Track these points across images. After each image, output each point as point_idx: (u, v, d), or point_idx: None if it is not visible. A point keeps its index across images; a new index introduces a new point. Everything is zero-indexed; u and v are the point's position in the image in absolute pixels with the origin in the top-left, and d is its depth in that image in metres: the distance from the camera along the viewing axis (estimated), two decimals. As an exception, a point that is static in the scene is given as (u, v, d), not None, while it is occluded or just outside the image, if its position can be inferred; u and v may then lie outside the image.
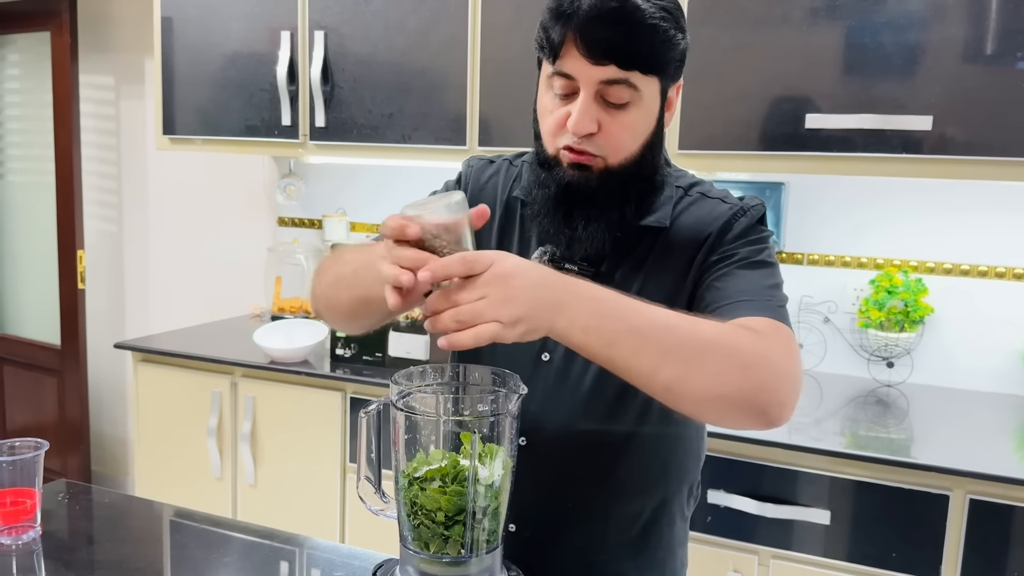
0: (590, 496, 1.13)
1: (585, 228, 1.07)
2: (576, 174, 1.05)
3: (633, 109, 1.03)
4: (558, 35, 1.01)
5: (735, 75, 2.04)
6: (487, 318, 0.84)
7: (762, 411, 0.90)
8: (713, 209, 1.12)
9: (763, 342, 0.92)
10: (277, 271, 3.01)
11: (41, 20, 3.28)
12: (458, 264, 0.86)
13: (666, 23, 1.00)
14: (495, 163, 1.26)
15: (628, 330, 0.88)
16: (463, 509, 0.85)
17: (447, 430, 0.88)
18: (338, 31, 2.46)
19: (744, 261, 1.06)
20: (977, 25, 1.85)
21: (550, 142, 1.07)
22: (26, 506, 1.24)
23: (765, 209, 1.13)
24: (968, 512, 1.71)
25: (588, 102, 1.01)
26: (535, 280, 0.87)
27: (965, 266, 2.29)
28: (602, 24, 0.98)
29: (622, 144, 1.05)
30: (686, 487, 1.20)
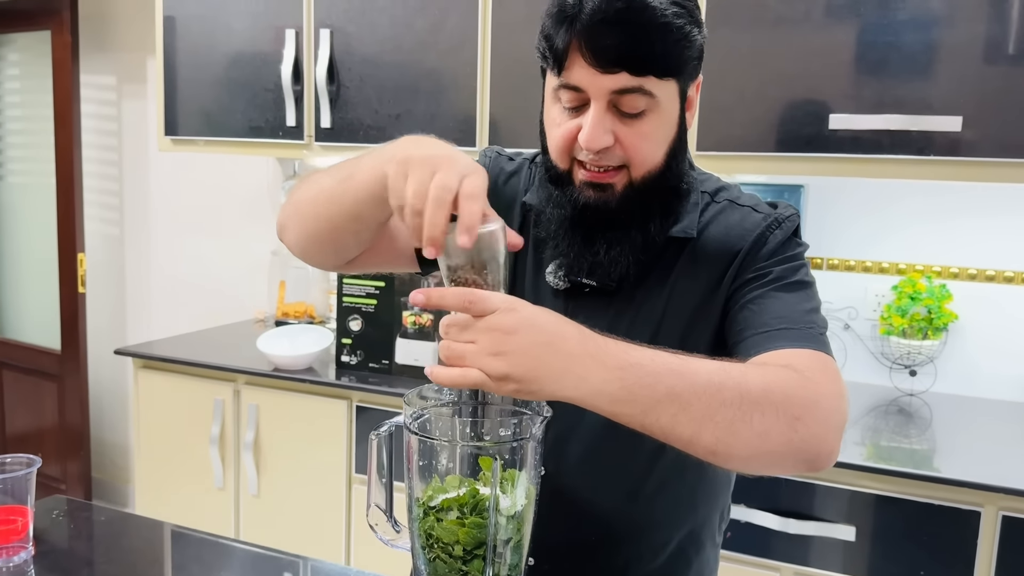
0: (614, 527, 1.05)
1: (607, 252, 0.98)
2: (594, 195, 0.96)
3: (651, 116, 0.94)
4: (562, 42, 0.91)
5: (755, 75, 1.98)
6: (470, 364, 0.77)
7: (811, 461, 0.84)
8: (744, 219, 1.03)
9: (811, 387, 0.85)
10: (281, 275, 2.95)
11: (42, 19, 3.22)
12: (455, 299, 0.79)
13: (680, 19, 0.90)
14: (515, 161, 1.16)
15: (666, 396, 0.79)
16: (483, 542, 0.78)
17: (464, 453, 0.82)
18: (344, 30, 2.40)
19: (781, 282, 0.97)
20: (1009, 23, 1.78)
21: (561, 157, 0.98)
22: (17, 525, 1.19)
23: (800, 220, 1.05)
24: (1000, 529, 1.65)
25: (600, 114, 0.92)
26: (542, 341, 0.78)
27: (990, 271, 2.22)
28: (609, 27, 0.88)
29: (643, 154, 0.95)
30: (717, 512, 1.12)
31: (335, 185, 1.00)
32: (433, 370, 0.79)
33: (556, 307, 1.05)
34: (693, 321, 1.02)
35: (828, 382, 0.87)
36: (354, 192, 0.96)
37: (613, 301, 1.04)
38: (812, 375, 0.86)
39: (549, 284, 1.06)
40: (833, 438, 0.85)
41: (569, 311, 1.04)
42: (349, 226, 1.01)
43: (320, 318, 2.89)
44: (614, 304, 1.04)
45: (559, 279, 1.05)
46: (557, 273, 1.05)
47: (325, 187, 1.02)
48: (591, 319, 1.02)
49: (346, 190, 0.98)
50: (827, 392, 0.86)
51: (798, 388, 0.83)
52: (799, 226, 1.05)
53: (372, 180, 0.93)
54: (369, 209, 0.97)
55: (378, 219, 1.00)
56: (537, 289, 1.08)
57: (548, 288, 1.06)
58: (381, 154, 0.92)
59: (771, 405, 0.81)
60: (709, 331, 1.02)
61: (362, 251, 1.09)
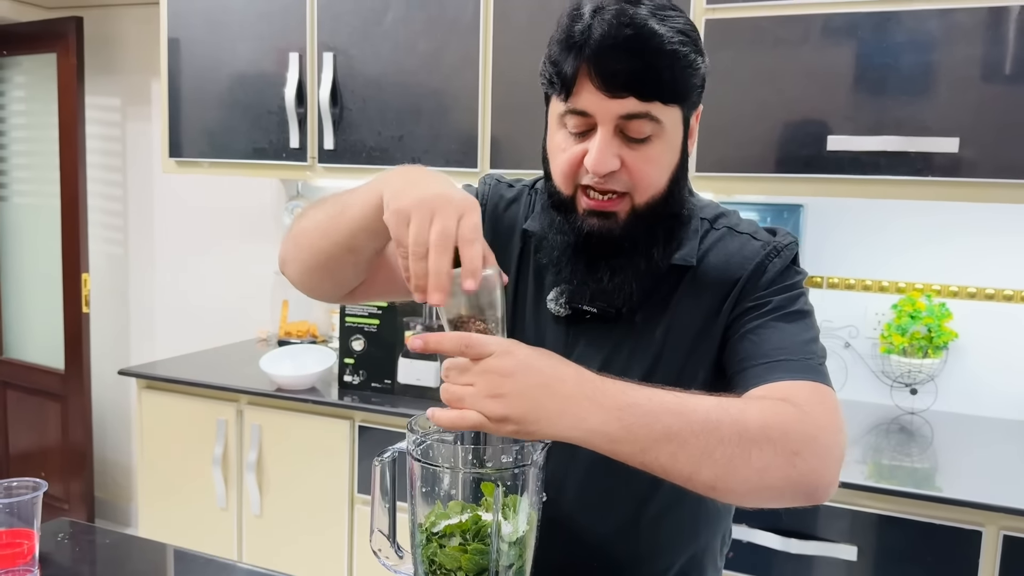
0: (615, 553, 1.06)
1: (611, 279, 0.99)
2: (597, 223, 0.97)
3: (656, 142, 0.95)
4: (570, 68, 0.92)
5: (753, 97, 1.99)
6: (469, 407, 0.79)
7: (810, 495, 0.86)
8: (743, 247, 1.04)
9: (809, 421, 0.86)
10: (284, 295, 2.97)
11: (48, 42, 3.25)
12: (452, 344, 0.80)
13: (686, 47, 0.92)
14: (515, 188, 1.17)
15: (663, 435, 0.80)
16: (486, 568, 0.79)
17: (466, 479, 0.83)
18: (347, 52, 2.42)
19: (780, 312, 0.99)
20: (1007, 44, 1.80)
21: (565, 183, 0.99)
22: (23, 548, 1.19)
23: (798, 247, 1.06)
24: (1002, 549, 1.65)
25: (607, 138, 0.93)
26: (539, 382, 0.79)
27: (990, 290, 2.23)
28: (618, 53, 0.90)
29: (648, 180, 0.96)
30: (719, 537, 1.13)
31: (330, 219, 1.01)
32: (434, 413, 0.81)
33: (557, 334, 1.06)
34: (693, 349, 1.02)
35: (826, 416, 0.88)
36: (348, 224, 0.98)
37: (615, 328, 1.05)
38: (811, 409, 0.87)
39: (550, 311, 1.07)
40: (831, 472, 0.86)
41: (570, 338, 1.06)
42: (346, 257, 1.02)
43: (323, 337, 2.90)
44: (615, 331, 1.05)
45: (560, 306, 1.06)
46: (559, 300, 1.06)
47: (320, 221, 1.03)
48: (592, 346, 1.04)
49: (340, 223, 1.00)
50: (825, 426, 0.87)
51: (796, 423, 0.84)
52: (797, 254, 1.06)
53: (364, 212, 0.95)
54: (363, 241, 0.99)
55: (373, 249, 1.02)
56: (538, 316, 1.09)
57: (549, 315, 1.07)
58: (373, 187, 0.94)
59: (769, 441, 0.82)
60: (708, 359, 1.03)
61: (361, 282, 1.10)
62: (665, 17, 0.92)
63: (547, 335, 1.07)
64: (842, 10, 1.91)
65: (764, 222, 2.33)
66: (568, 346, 1.06)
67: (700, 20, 2.02)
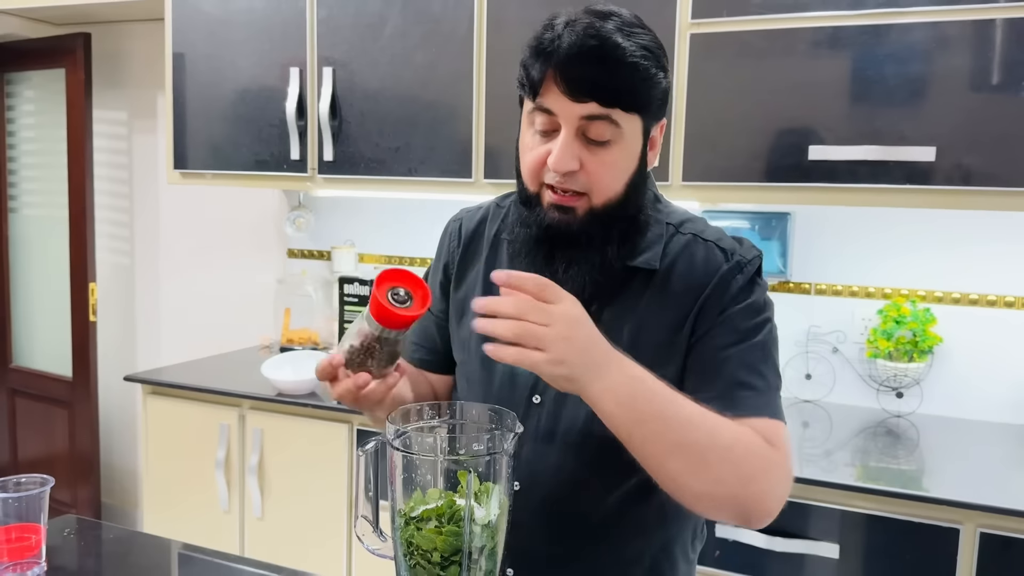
0: (587, 540, 1.11)
1: (566, 271, 1.06)
2: (558, 216, 1.05)
3: (615, 147, 1.02)
4: (538, 72, 1.00)
5: (738, 107, 2.05)
6: (542, 345, 0.87)
7: (747, 518, 0.97)
8: (709, 256, 1.10)
9: (772, 457, 0.97)
10: (287, 302, 3.03)
11: (56, 57, 3.33)
12: (533, 282, 0.89)
13: (647, 61, 1.00)
14: (483, 208, 1.27)
15: (656, 414, 0.92)
16: (459, 549, 0.85)
17: (444, 469, 0.88)
18: (346, 67, 2.49)
19: (743, 336, 1.05)
20: (980, 56, 1.86)
21: (531, 180, 1.07)
22: (31, 542, 1.25)
23: (761, 260, 1.12)
24: (979, 546, 1.69)
25: (569, 139, 1.00)
26: (593, 338, 0.91)
27: (974, 295, 2.28)
28: (582, 62, 0.98)
29: (605, 183, 1.03)
30: (688, 530, 1.18)
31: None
32: (496, 349, 0.89)
33: None
34: (657, 355, 1.07)
35: (782, 454, 1.00)
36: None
37: None
38: (776, 447, 0.99)
39: None
40: (775, 506, 0.97)
41: None
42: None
43: (324, 344, 2.96)
44: None
45: None
46: None
47: None
48: None
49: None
50: (780, 463, 0.99)
51: (759, 452, 0.96)
52: (761, 266, 1.11)
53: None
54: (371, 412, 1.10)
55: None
56: None
57: None
58: None
59: (732, 459, 0.94)
60: (673, 369, 1.08)
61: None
62: (631, 33, 1.00)
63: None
64: (823, 24, 1.97)
65: (752, 230, 2.40)
66: None
67: (685, 35, 2.08)
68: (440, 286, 1.26)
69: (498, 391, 1.13)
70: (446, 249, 1.27)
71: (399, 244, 2.98)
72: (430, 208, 2.80)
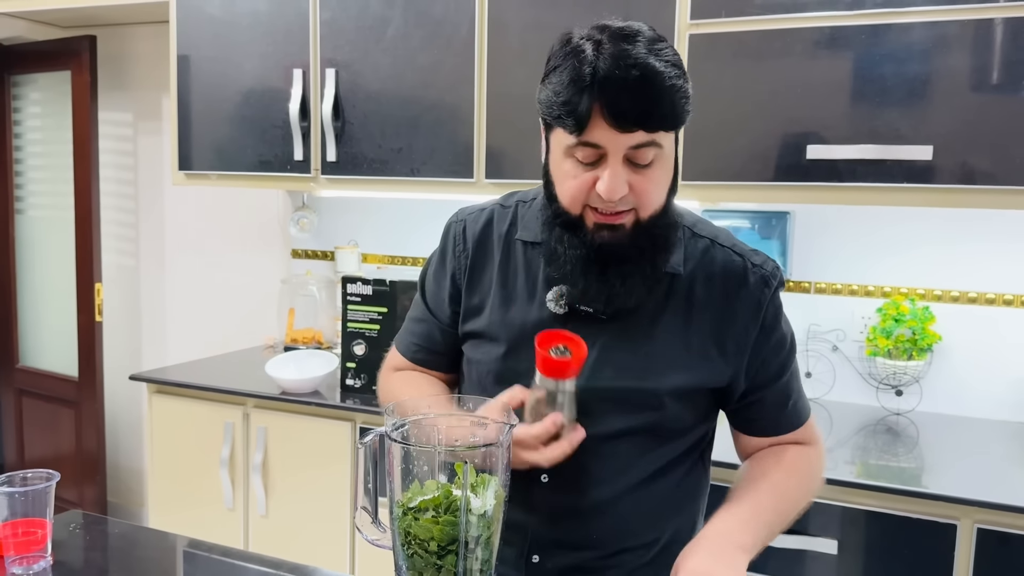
0: (608, 527, 1.16)
1: (623, 284, 1.09)
2: (607, 235, 1.07)
3: (658, 165, 1.05)
4: (584, 107, 0.99)
5: (737, 107, 2.07)
6: None
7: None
8: (728, 265, 1.15)
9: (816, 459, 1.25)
10: (290, 302, 3.05)
11: (62, 60, 3.36)
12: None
13: (680, 79, 1.02)
14: (485, 210, 1.27)
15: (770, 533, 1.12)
16: (456, 539, 0.87)
17: (442, 460, 0.90)
18: (349, 68, 2.51)
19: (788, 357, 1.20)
20: (979, 55, 1.87)
21: (574, 205, 1.07)
22: (37, 536, 1.27)
23: (781, 272, 1.20)
24: (976, 542, 1.70)
25: (618, 168, 1.02)
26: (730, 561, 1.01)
27: (972, 294, 2.29)
28: (628, 94, 0.98)
29: (652, 199, 1.06)
30: (700, 516, 1.26)
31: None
32: None
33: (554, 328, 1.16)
34: (677, 357, 1.14)
35: (819, 445, 1.26)
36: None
37: (606, 327, 1.14)
38: (814, 440, 1.25)
39: (549, 309, 1.16)
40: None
41: None
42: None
43: (328, 344, 2.98)
44: (607, 330, 1.14)
45: (560, 306, 1.15)
46: (559, 301, 1.15)
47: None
48: (586, 339, 1.13)
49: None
50: (820, 454, 1.26)
51: (817, 469, 1.24)
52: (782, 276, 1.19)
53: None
54: None
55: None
56: (533, 313, 1.18)
57: (547, 312, 1.17)
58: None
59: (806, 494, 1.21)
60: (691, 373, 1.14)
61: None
62: (659, 52, 1.02)
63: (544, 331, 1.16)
64: (822, 24, 1.98)
65: (753, 229, 2.41)
66: None
67: (684, 35, 2.10)
68: (448, 294, 1.27)
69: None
70: (451, 254, 1.27)
71: (402, 244, 3.00)
72: (432, 208, 2.81)
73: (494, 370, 1.19)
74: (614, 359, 1.13)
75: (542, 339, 1.06)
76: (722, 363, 1.15)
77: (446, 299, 1.27)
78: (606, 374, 1.12)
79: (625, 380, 1.12)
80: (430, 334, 1.30)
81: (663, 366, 1.12)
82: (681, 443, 1.18)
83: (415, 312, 1.34)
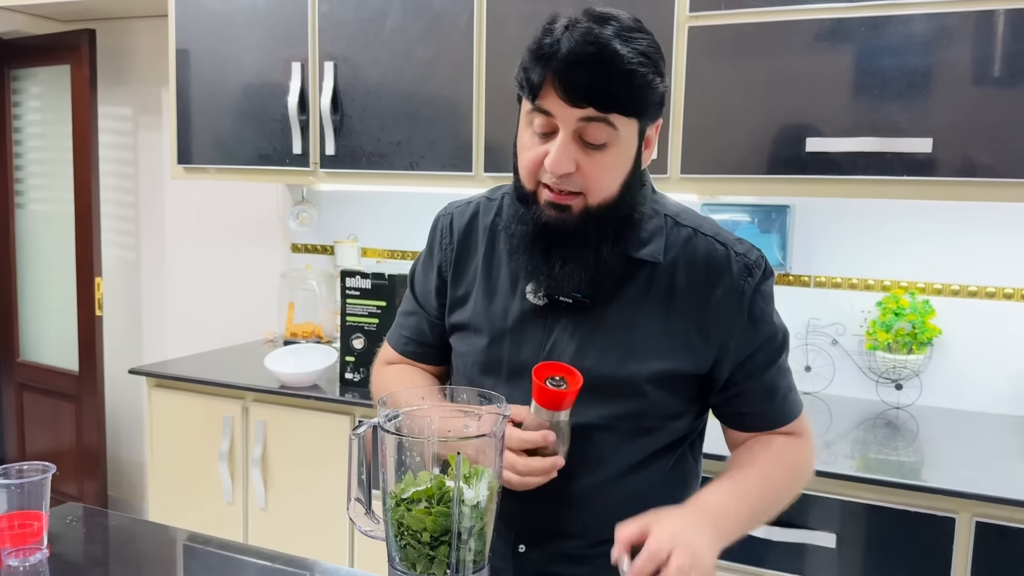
0: (593, 515, 1.16)
1: (562, 267, 1.08)
2: (554, 214, 1.07)
3: (611, 150, 1.04)
4: (538, 76, 1.02)
5: (736, 99, 2.06)
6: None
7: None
8: (711, 254, 1.14)
9: (806, 452, 1.23)
10: (290, 296, 3.05)
11: (62, 54, 3.36)
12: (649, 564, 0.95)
13: (644, 67, 1.01)
14: (472, 203, 1.28)
15: (754, 519, 1.12)
16: (448, 530, 0.86)
17: (435, 452, 0.90)
18: (348, 61, 2.51)
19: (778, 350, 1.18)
20: (979, 48, 1.86)
21: (528, 178, 1.09)
22: (33, 528, 1.26)
23: (766, 260, 1.17)
24: (975, 535, 1.70)
25: (566, 142, 1.02)
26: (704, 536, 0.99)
27: (973, 287, 2.28)
28: (580, 68, 0.99)
29: (601, 184, 1.06)
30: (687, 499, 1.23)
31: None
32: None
33: (536, 321, 1.15)
34: (658, 346, 1.13)
35: (810, 439, 1.24)
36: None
37: (588, 317, 1.14)
38: (804, 433, 1.23)
39: (530, 300, 1.15)
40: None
41: (548, 325, 1.15)
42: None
43: (327, 338, 2.98)
44: (589, 320, 1.14)
45: (539, 297, 1.15)
46: (537, 292, 1.14)
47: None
48: (567, 332, 1.13)
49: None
50: (811, 448, 1.24)
51: (800, 462, 1.21)
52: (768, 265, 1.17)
53: None
54: None
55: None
56: (516, 305, 1.18)
57: (528, 304, 1.16)
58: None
59: (794, 486, 1.20)
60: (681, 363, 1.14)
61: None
62: (630, 38, 1.01)
63: (527, 323, 1.16)
64: (821, 16, 1.97)
65: (752, 223, 2.41)
66: (546, 332, 1.15)
67: (683, 27, 2.09)
68: (435, 286, 1.27)
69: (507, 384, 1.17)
70: (438, 247, 1.28)
71: (401, 239, 2.99)
72: (432, 202, 2.80)
73: (479, 361, 1.19)
74: (594, 348, 1.13)
75: (539, 370, 1.07)
76: (704, 350, 1.14)
77: (433, 291, 1.27)
78: (586, 363, 1.12)
79: (605, 368, 1.12)
80: (419, 327, 1.31)
81: (644, 354, 1.12)
82: (665, 434, 1.17)
83: (405, 306, 1.35)
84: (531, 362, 1.14)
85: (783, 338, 1.19)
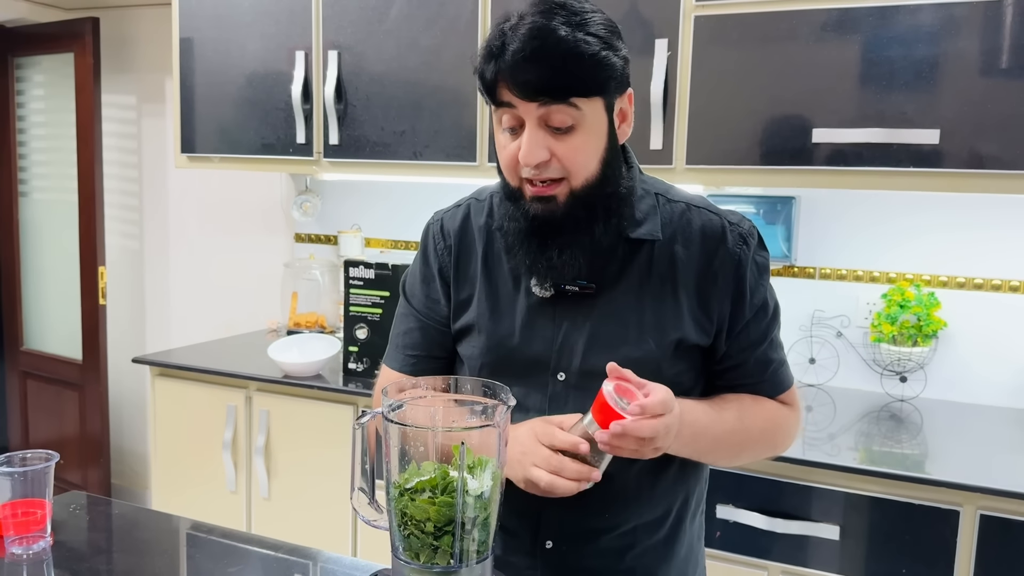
0: (618, 509, 1.16)
1: (560, 256, 1.08)
2: (541, 207, 1.07)
3: (580, 130, 1.04)
4: (490, 75, 1.04)
5: (743, 90, 2.05)
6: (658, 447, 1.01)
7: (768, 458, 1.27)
8: (708, 225, 1.15)
9: (791, 419, 1.22)
10: (293, 286, 3.05)
11: (66, 42, 3.35)
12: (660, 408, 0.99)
13: (593, 47, 1.01)
14: (461, 206, 1.27)
15: (711, 441, 1.12)
16: (452, 519, 0.86)
17: (439, 442, 0.90)
18: (352, 50, 2.50)
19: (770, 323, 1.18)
20: (987, 38, 1.85)
21: (511, 176, 1.10)
22: (37, 516, 1.27)
23: (757, 231, 1.18)
24: (979, 528, 1.70)
25: (533, 131, 1.03)
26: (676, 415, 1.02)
27: (978, 280, 2.27)
28: (527, 64, 1.00)
29: (579, 165, 1.06)
30: (702, 481, 1.28)
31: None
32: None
33: (544, 314, 1.15)
34: (663, 319, 1.13)
35: (798, 410, 1.24)
36: None
37: (596, 304, 1.14)
38: (795, 410, 1.22)
39: (535, 294, 1.15)
40: (790, 447, 1.25)
41: (557, 316, 1.14)
42: None
43: (331, 328, 2.98)
44: (597, 306, 1.14)
45: (545, 289, 1.14)
46: (543, 285, 1.14)
47: None
48: (577, 320, 1.13)
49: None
50: (797, 419, 1.23)
51: (783, 423, 1.20)
52: (760, 236, 1.17)
53: None
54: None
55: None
56: (521, 300, 1.17)
57: (534, 298, 1.16)
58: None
59: (766, 440, 1.20)
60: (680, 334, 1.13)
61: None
62: (579, 23, 1.02)
63: (535, 318, 1.15)
64: (828, 6, 1.96)
65: (757, 214, 2.40)
66: (555, 325, 1.15)
67: (690, 16, 2.08)
68: (441, 293, 1.25)
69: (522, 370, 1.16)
70: (433, 253, 1.26)
71: (405, 228, 2.99)
72: (435, 192, 2.80)
73: (488, 362, 1.18)
74: (606, 335, 1.13)
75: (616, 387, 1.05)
76: (705, 320, 1.14)
77: (441, 298, 1.24)
78: (601, 351, 1.12)
79: (620, 353, 1.11)
80: (427, 339, 1.26)
81: (655, 333, 1.12)
82: None
83: (403, 325, 1.29)
84: (544, 357, 1.14)
85: (775, 311, 1.19)
